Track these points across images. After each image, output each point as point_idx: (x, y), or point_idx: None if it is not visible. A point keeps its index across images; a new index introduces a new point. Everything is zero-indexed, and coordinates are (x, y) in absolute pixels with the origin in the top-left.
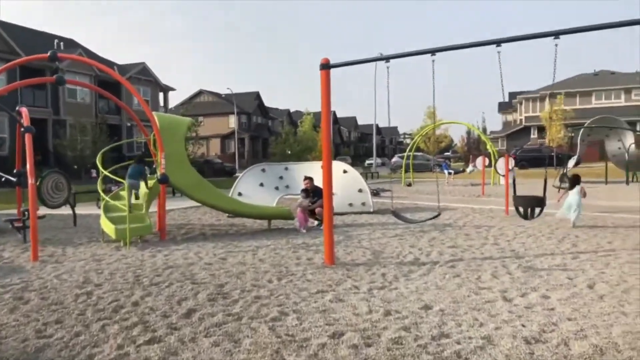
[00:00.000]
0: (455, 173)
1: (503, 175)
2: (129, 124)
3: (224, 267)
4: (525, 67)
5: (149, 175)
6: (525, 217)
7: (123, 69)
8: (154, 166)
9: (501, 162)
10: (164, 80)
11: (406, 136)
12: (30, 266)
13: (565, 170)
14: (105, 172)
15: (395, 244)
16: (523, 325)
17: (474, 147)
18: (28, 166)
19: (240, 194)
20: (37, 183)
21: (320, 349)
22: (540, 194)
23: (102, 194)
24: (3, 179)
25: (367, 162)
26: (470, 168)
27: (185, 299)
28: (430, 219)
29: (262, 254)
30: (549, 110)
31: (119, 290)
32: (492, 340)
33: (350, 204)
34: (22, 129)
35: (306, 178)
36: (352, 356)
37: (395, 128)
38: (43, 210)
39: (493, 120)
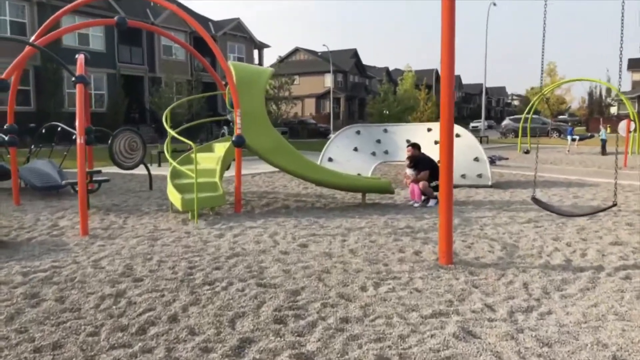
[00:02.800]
0: (581, 139)
1: None
2: (224, 82)
3: (303, 260)
4: None
5: (226, 136)
6: None
7: (218, 25)
8: (232, 124)
9: None
10: (259, 37)
11: (514, 97)
12: (75, 243)
13: None
14: (173, 133)
15: (532, 234)
16: None
17: (596, 110)
18: (77, 122)
19: (330, 160)
20: (109, 142)
21: None
22: None
23: (168, 156)
24: (74, 137)
25: (472, 124)
26: (602, 133)
27: (243, 314)
28: (600, 211)
29: (353, 241)
30: None
31: (160, 292)
32: None
33: (463, 176)
34: (73, 79)
35: (409, 144)
36: None
37: (503, 88)
38: (113, 170)
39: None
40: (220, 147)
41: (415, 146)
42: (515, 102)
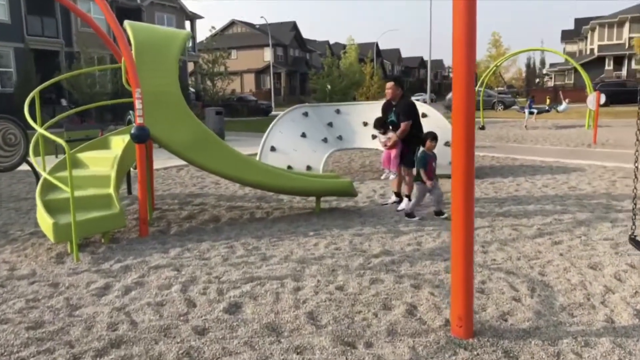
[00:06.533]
0: (539, 113)
1: None
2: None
3: (231, 349)
4: None
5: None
6: None
7: None
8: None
9: None
10: (191, 7)
11: (451, 70)
12: None
13: None
14: (41, 130)
15: (556, 257)
16: None
17: (533, 82)
18: None
19: (273, 149)
20: None
21: None
22: None
23: (33, 159)
24: None
25: (414, 98)
26: (563, 106)
27: None
28: None
29: (312, 291)
30: None
31: None
32: None
33: None
34: None
35: (391, 79)
36: None
37: (441, 61)
38: None
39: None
40: (118, 142)
41: (398, 81)
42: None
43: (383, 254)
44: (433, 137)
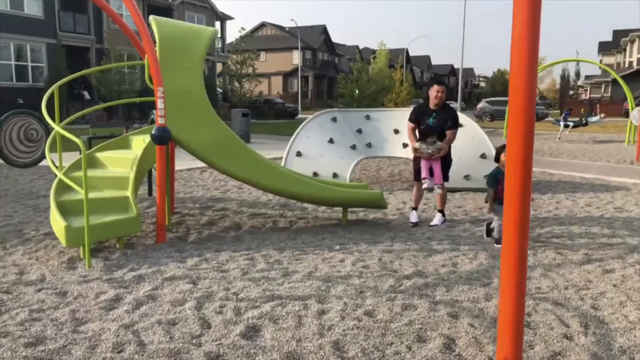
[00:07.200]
0: (575, 126)
1: None
2: None
3: None
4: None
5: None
6: None
7: None
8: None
9: None
10: (222, 7)
11: (481, 79)
12: None
13: None
14: (57, 128)
15: (609, 289)
16: None
17: (567, 93)
18: None
19: (299, 154)
20: None
21: None
22: None
23: (48, 158)
24: None
25: None
26: (596, 118)
27: None
28: None
29: (337, 315)
30: None
31: None
32: None
33: (467, 177)
34: None
35: (440, 82)
36: None
37: (471, 69)
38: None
39: (588, 64)
40: (139, 142)
41: (446, 87)
42: (482, 84)
43: (415, 276)
44: None
